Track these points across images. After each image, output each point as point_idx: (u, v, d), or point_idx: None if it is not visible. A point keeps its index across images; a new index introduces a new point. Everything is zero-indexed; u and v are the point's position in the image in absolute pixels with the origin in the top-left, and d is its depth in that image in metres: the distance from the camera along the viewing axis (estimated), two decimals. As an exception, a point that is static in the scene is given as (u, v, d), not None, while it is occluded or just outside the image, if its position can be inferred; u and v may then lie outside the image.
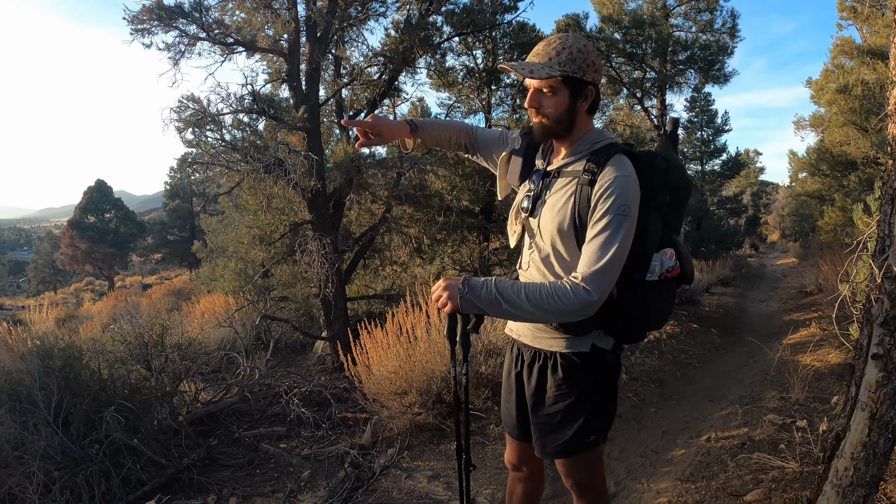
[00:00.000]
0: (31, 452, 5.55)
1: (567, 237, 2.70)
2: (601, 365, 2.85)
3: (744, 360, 9.91)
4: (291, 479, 5.73)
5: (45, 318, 9.53)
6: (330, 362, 9.77)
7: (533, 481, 3.48)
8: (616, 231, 2.50)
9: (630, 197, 2.54)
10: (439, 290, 2.67)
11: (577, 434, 2.86)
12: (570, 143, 2.79)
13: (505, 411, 3.29)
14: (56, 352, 6.39)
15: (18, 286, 72.22)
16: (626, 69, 17.77)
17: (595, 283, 2.48)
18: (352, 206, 10.82)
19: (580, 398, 2.84)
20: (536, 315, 2.57)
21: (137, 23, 8.24)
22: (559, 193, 2.75)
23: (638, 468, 5.56)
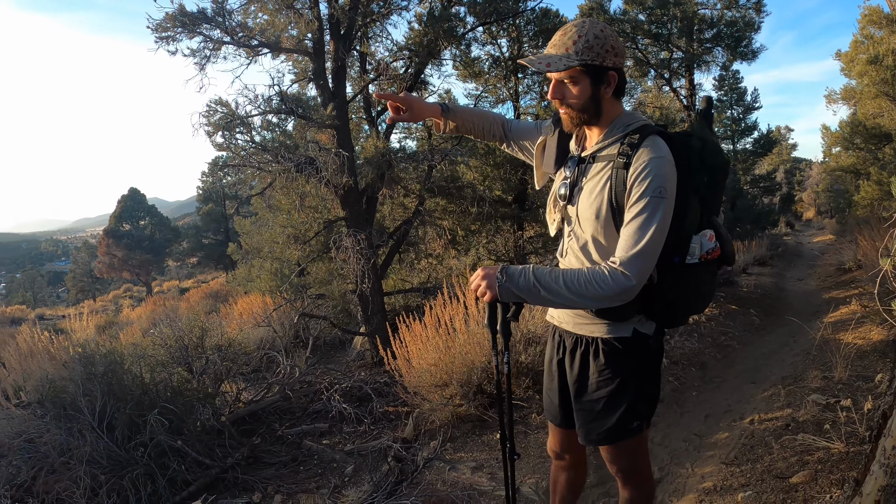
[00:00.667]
0: (77, 458, 5.61)
1: (605, 223, 2.66)
2: (643, 350, 2.83)
3: (784, 341, 9.79)
4: (335, 475, 5.76)
5: (85, 326, 9.64)
6: (369, 357, 9.80)
7: (576, 469, 3.47)
8: (653, 214, 2.46)
9: (666, 178, 2.50)
10: (477, 280, 2.64)
11: (620, 420, 2.84)
12: (602, 127, 2.74)
13: (547, 399, 3.28)
14: (98, 358, 6.45)
15: (58, 296, 73.18)
16: (652, 50, 17.57)
17: (633, 268, 2.44)
18: (384, 200, 10.83)
19: (623, 384, 2.82)
20: (575, 301, 2.54)
21: (161, 31, 8.27)
22: (595, 179, 2.70)
23: (682, 453, 5.51)
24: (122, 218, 48.58)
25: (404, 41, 9.97)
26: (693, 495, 4.50)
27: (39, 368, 6.95)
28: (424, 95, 11.78)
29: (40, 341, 7.60)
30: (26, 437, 6.16)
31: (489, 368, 6.46)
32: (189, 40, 8.48)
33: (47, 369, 6.83)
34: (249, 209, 22.38)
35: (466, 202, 11.51)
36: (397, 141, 12.57)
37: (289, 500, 5.23)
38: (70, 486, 5.42)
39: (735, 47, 17.77)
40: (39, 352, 7.33)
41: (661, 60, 17.60)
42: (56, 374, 6.64)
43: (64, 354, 7.06)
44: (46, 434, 6.05)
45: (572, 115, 2.70)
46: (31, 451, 6.00)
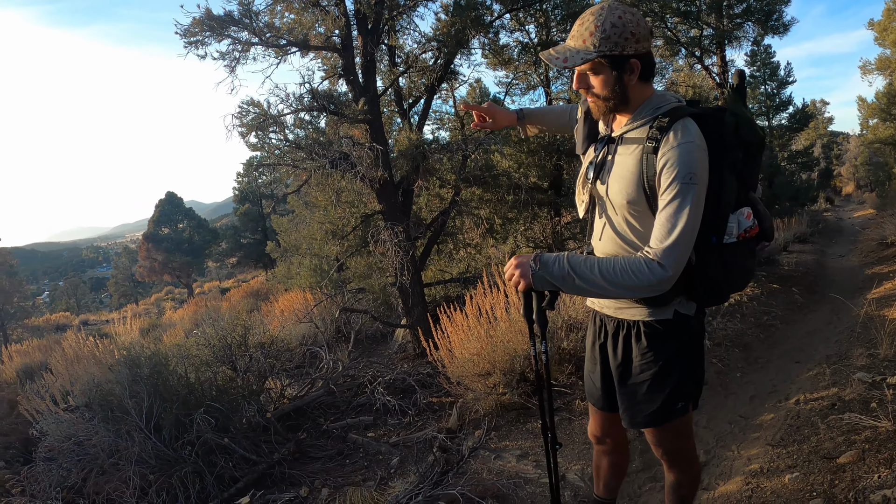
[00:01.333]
0: (126, 458, 5.70)
1: (638, 206, 2.64)
2: (685, 331, 2.81)
3: (828, 318, 9.65)
4: (381, 467, 5.78)
5: (129, 330, 9.74)
6: (411, 349, 9.81)
7: (618, 452, 3.47)
8: (684, 201, 2.43)
9: (696, 164, 2.45)
10: (511, 269, 2.64)
11: (665, 402, 2.83)
12: (631, 110, 2.69)
13: (589, 383, 3.26)
14: (143, 360, 6.53)
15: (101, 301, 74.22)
16: (681, 28, 17.32)
17: (669, 258, 2.43)
18: (420, 192, 10.83)
19: (666, 366, 2.81)
20: (610, 291, 2.52)
21: (190, 35, 8.32)
22: (623, 161, 2.68)
23: (727, 435, 5.46)
24: (161, 222, 49.10)
25: (432, 32, 9.93)
26: (740, 478, 4.45)
27: (86, 373, 7.05)
28: (455, 85, 11.79)
29: (85, 346, 7.69)
30: (75, 440, 6.27)
31: (531, 356, 6.44)
32: (217, 43, 8.51)
33: (94, 373, 6.94)
34: (286, 207, 22.53)
35: (502, 190, 11.47)
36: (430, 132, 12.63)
37: (336, 494, 5.25)
38: (120, 487, 5.51)
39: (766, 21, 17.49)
40: (85, 356, 7.43)
41: (692, 38, 17.37)
42: (102, 377, 6.74)
43: (109, 358, 7.15)
44: (95, 436, 6.14)
45: (598, 104, 2.68)
46: (81, 453, 6.12)
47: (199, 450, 5.81)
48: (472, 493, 4.57)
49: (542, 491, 4.67)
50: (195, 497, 5.49)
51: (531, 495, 4.65)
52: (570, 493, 4.65)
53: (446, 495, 4.62)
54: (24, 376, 11.88)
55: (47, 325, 38.21)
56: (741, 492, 4.22)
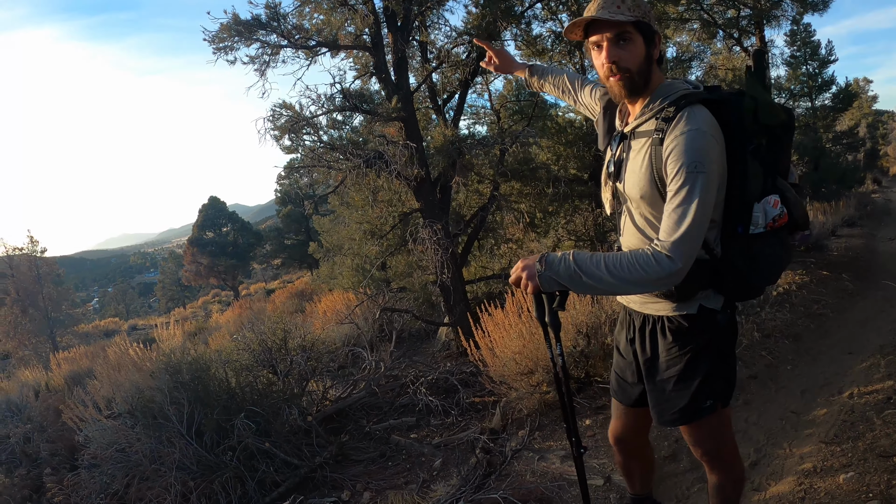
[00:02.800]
0: (167, 464, 5.75)
1: (653, 200, 2.61)
2: (711, 326, 2.75)
3: (880, 306, 9.38)
4: (424, 469, 5.73)
5: (172, 335, 9.77)
6: (454, 347, 9.75)
7: (644, 448, 3.51)
8: (691, 191, 2.38)
9: (701, 151, 2.40)
10: (517, 272, 2.61)
11: (692, 400, 2.79)
12: (643, 99, 2.66)
13: (617, 378, 3.25)
14: (184, 366, 6.54)
15: (150, 306, 75.27)
16: (718, 10, 17.07)
17: (677, 251, 2.38)
18: (459, 188, 10.74)
19: (692, 362, 2.76)
20: (618, 287, 2.47)
21: (218, 41, 8.32)
22: (636, 156, 2.66)
23: (778, 432, 5.27)
24: (205, 226, 49.58)
25: (463, 26, 9.83)
26: (792, 478, 4.29)
27: (128, 379, 7.08)
28: (489, 79, 11.68)
29: (128, 353, 7.71)
30: (118, 447, 6.32)
31: (575, 353, 6.36)
32: (246, 48, 8.52)
33: (136, 380, 6.96)
34: (328, 207, 22.60)
35: (542, 183, 11.35)
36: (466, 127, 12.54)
37: (377, 497, 5.22)
38: (162, 493, 5.55)
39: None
40: (127, 363, 7.45)
41: (729, 20, 17.06)
42: (144, 384, 6.76)
43: (150, 364, 7.17)
44: (137, 443, 6.20)
45: (627, 81, 2.58)
46: (124, 460, 6.18)
47: (241, 455, 5.83)
48: (515, 498, 4.51)
49: (587, 494, 4.59)
50: (236, 502, 5.51)
51: (575, 498, 4.56)
52: (616, 495, 4.55)
53: (488, 500, 4.56)
54: (71, 383, 12.01)
55: (96, 331, 38.81)
56: (793, 493, 4.08)
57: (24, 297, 35.26)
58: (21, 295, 35.22)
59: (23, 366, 21.01)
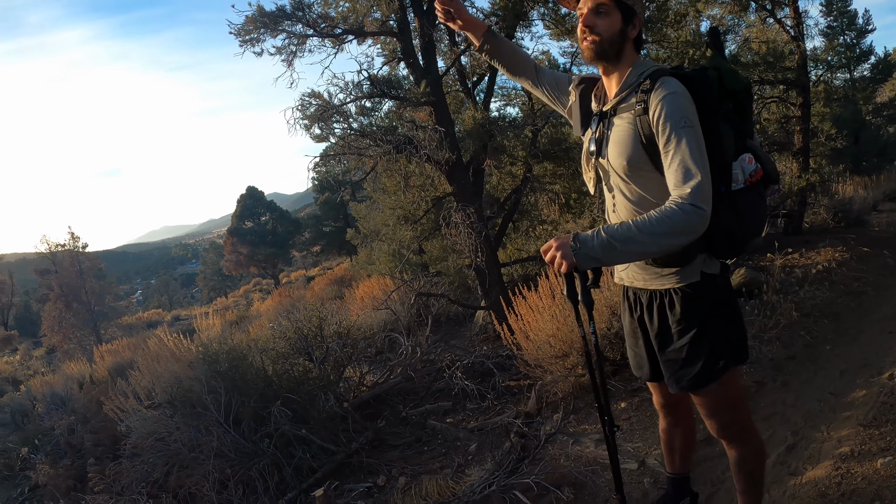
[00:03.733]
0: (206, 453, 5.83)
1: (640, 166, 2.78)
2: (714, 290, 2.89)
3: (924, 284, 9.22)
4: (459, 454, 5.74)
5: (211, 324, 9.86)
6: (491, 331, 9.73)
7: (689, 419, 3.54)
8: (689, 142, 2.56)
9: (685, 109, 2.60)
10: (552, 251, 2.66)
11: (706, 363, 2.89)
12: (619, 77, 2.84)
13: (635, 357, 3.33)
14: (221, 356, 6.60)
15: (192, 296, 76.17)
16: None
17: (696, 196, 2.51)
18: (491, 171, 10.71)
19: (702, 328, 2.87)
20: (653, 245, 2.56)
21: (244, 34, 8.35)
22: (620, 129, 2.81)
23: (816, 414, 5.17)
24: (243, 216, 49.89)
25: (489, 7, 9.78)
26: (829, 462, 4.22)
27: (167, 370, 7.16)
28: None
29: (167, 344, 7.80)
30: (158, 437, 6.43)
31: (609, 335, 6.32)
32: (273, 39, 8.55)
33: (175, 370, 7.04)
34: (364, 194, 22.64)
35: (575, 164, 11.26)
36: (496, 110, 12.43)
37: (412, 482, 5.23)
38: (200, 480, 5.64)
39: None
40: (166, 354, 7.53)
41: (761, -10, 16.81)
42: (183, 374, 6.85)
43: (188, 355, 7.25)
44: (176, 432, 6.29)
45: (596, 45, 2.77)
46: (163, 448, 6.28)
47: (277, 442, 5.90)
48: (548, 482, 4.51)
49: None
50: (274, 489, 5.59)
51: (609, 483, 4.52)
52: (650, 479, 4.52)
53: (521, 484, 4.56)
54: (115, 374, 12.16)
55: (140, 322, 39.37)
56: (830, 477, 4.01)
57: (68, 292, 35.84)
58: (64, 290, 35.80)
59: (68, 359, 21.38)
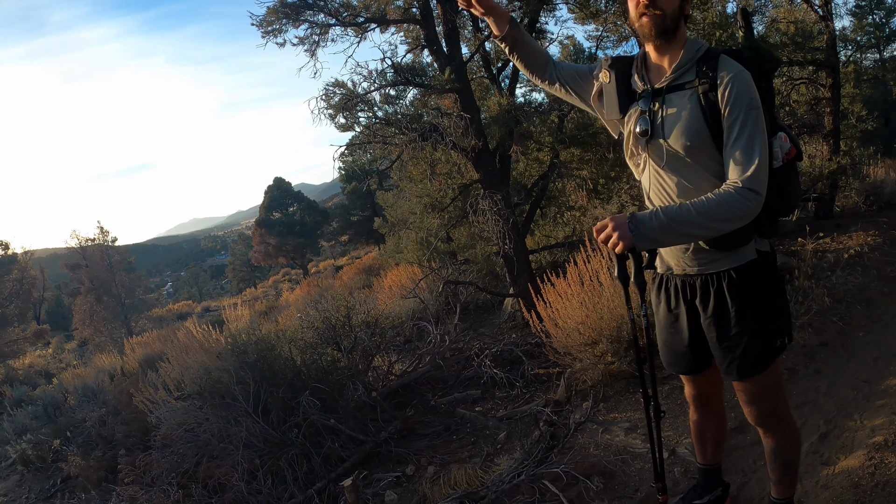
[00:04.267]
0: (235, 443, 5.87)
1: (702, 147, 2.71)
2: (769, 267, 2.90)
3: (958, 269, 9.03)
4: (488, 443, 5.72)
5: (240, 315, 9.90)
6: (520, 318, 9.68)
7: (720, 410, 3.51)
8: (755, 125, 2.55)
9: (752, 90, 2.58)
10: (607, 231, 2.63)
11: (768, 343, 2.87)
12: (674, 54, 2.77)
13: (671, 352, 3.27)
14: (249, 347, 6.61)
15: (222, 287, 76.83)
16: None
17: (754, 181, 2.51)
18: (518, 157, 10.64)
19: (761, 306, 2.86)
20: (711, 228, 2.57)
21: (266, 25, 8.35)
22: (680, 108, 2.72)
23: (849, 402, 5.06)
24: (271, 207, 50.14)
25: (513, -11, 9.70)
26: (862, 451, 4.13)
27: (196, 362, 7.19)
28: (543, 44, 11.47)
29: (196, 335, 7.83)
30: (187, 428, 6.47)
31: (639, 321, 6.25)
32: (295, 29, 8.53)
33: (204, 362, 7.06)
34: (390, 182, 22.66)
35: (602, 149, 11.18)
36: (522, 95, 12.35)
37: (441, 471, 5.22)
38: (230, 471, 5.67)
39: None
40: (195, 346, 7.56)
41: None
42: (212, 365, 6.87)
43: (217, 346, 7.27)
44: (206, 423, 6.33)
45: (658, 20, 2.67)
46: (193, 439, 6.33)
47: (306, 431, 5.92)
48: (577, 471, 4.48)
49: (650, 467, 4.47)
50: (302, 478, 5.62)
51: (639, 472, 4.49)
52: (680, 468, 4.46)
53: (550, 473, 4.52)
54: (145, 366, 12.26)
55: (170, 314, 39.77)
56: (863, 467, 3.94)
57: (98, 285, 36.24)
58: (95, 284, 36.20)
59: (99, 351, 21.61)
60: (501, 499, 4.51)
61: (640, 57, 2.91)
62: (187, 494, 5.77)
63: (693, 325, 3.06)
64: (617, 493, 4.34)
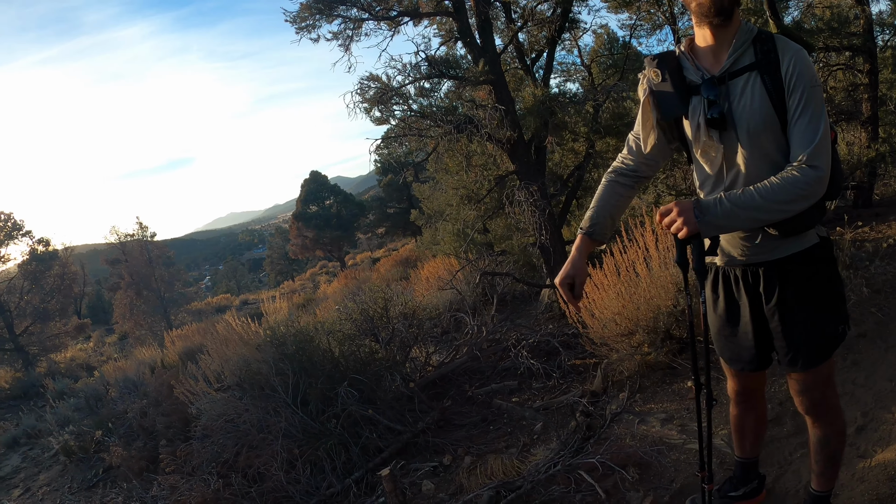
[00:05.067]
0: (274, 433, 5.94)
1: (774, 129, 2.62)
2: (829, 251, 2.85)
3: None
4: (524, 433, 5.72)
5: (278, 308, 9.99)
6: (557, 309, 9.67)
7: (762, 406, 3.45)
8: (818, 102, 2.51)
9: (813, 68, 2.54)
10: (672, 216, 2.60)
11: (831, 329, 2.82)
12: (728, 37, 2.65)
13: (730, 346, 3.14)
14: (288, 338, 6.68)
15: (260, 280, 77.44)
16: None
17: (819, 158, 2.47)
18: (553, 148, 10.61)
19: (825, 292, 2.82)
20: (775, 211, 2.53)
21: (300, 21, 8.44)
22: (746, 92, 2.63)
23: (887, 394, 4.96)
24: (308, 201, 50.44)
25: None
26: (899, 445, 4.10)
27: (236, 353, 7.27)
28: (577, 34, 11.43)
29: (235, 328, 7.92)
30: (227, 418, 6.55)
31: (675, 312, 6.21)
32: (328, 24, 8.60)
33: (243, 353, 7.14)
34: (426, 174, 22.69)
35: (637, 139, 11.14)
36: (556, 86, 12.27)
37: (478, 462, 5.23)
38: (269, 460, 5.74)
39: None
40: (234, 338, 7.65)
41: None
42: (251, 356, 6.95)
43: (256, 338, 7.35)
44: (245, 413, 6.40)
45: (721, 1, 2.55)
46: (233, 430, 6.41)
47: (344, 422, 5.98)
48: (613, 462, 4.46)
49: (686, 458, 4.47)
50: (341, 468, 5.67)
51: (675, 463, 4.46)
52: (716, 459, 4.43)
53: (586, 464, 4.52)
54: (185, 358, 12.40)
55: (209, 308, 40.13)
56: (900, 461, 3.89)
57: (138, 280, 36.74)
58: (135, 278, 36.70)
59: (139, 345, 21.86)
60: (537, 489, 4.51)
61: (687, 46, 2.82)
62: (227, 483, 5.83)
63: (756, 315, 2.96)
64: (653, 484, 4.32)
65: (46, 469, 10.61)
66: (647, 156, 3.08)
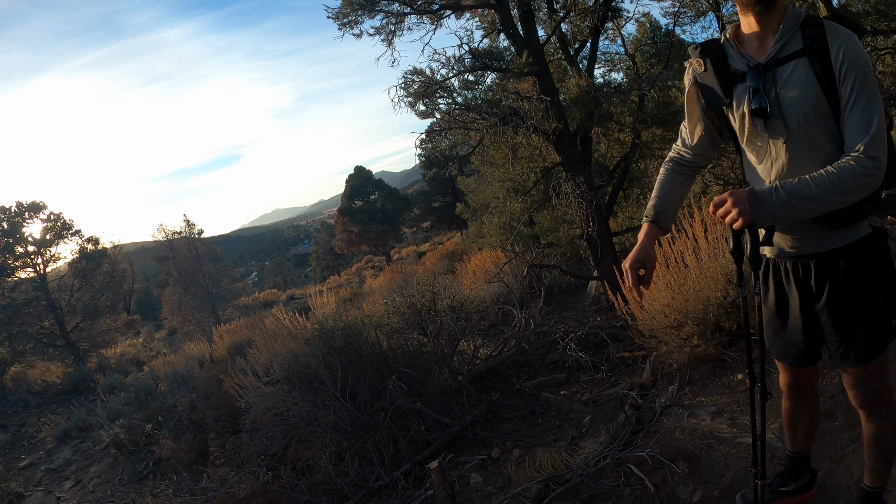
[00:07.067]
0: (322, 426, 5.99)
1: (821, 116, 2.53)
2: (884, 242, 2.74)
3: None
4: (573, 426, 5.69)
5: (326, 302, 10.04)
6: (604, 301, 9.62)
7: (815, 399, 3.36)
8: (873, 89, 2.42)
9: (865, 53, 2.45)
10: (727, 206, 2.54)
11: (885, 323, 2.73)
12: (775, 23, 2.58)
13: (781, 340, 3.07)
14: (337, 332, 6.71)
15: (306, 276, 78.02)
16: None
17: (876, 148, 2.39)
18: (599, 139, 10.54)
19: (880, 284, 2.71)
20: (832, 201, 2.45)
21: (342, 17, 8.48)
22: (795, 79, 2.55)
23: None
24: (353, 196, 50.70)
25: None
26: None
27: (284, 348, 7.32)
28: (620, 23, 11.31)
29: (283, 322, 7.97)
30: (276, 412, 6.62)
31: (725, 304, 6.13)
32: (370, 20, 8.62)
33: (292, 347, 7.20)
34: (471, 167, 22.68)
35: (685, 128, 11.02)
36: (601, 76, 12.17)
37: (526, 455, 5.21)
38: (318, 453, 5.78)
39: None
40: (283, 332, 7.70)
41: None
42: (299, 350, 7.00)
43: (304, 332, 7.39)
44: (294, 407, 6.47)
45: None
46: (281, 423, 6.49)
47: (393, 415, 6.01)
48: (662, 455, 4.42)
49: (736, 452, 4.40)
50: (389, 461, 5.70)
51: (725, 457, 4.40)
52: (768, 454, 4.36)
53: (635, 457, 4.49)
54: (233, 353, 12.54)
55: (256, 303, 40.54)
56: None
57: (186, 276, 37.25)
58: (182, 275, 37.22)
59: (188, 340, 22.14)
60: (586, 482, 4.49)
61: (732, 34, 2.75)
62: (276, 476, 5.89)
63: (806, 309, 2.90)
64: (702, 478, 4.27)
65: (97, 461, 10.80)
66: (696, 146, 3.04)
